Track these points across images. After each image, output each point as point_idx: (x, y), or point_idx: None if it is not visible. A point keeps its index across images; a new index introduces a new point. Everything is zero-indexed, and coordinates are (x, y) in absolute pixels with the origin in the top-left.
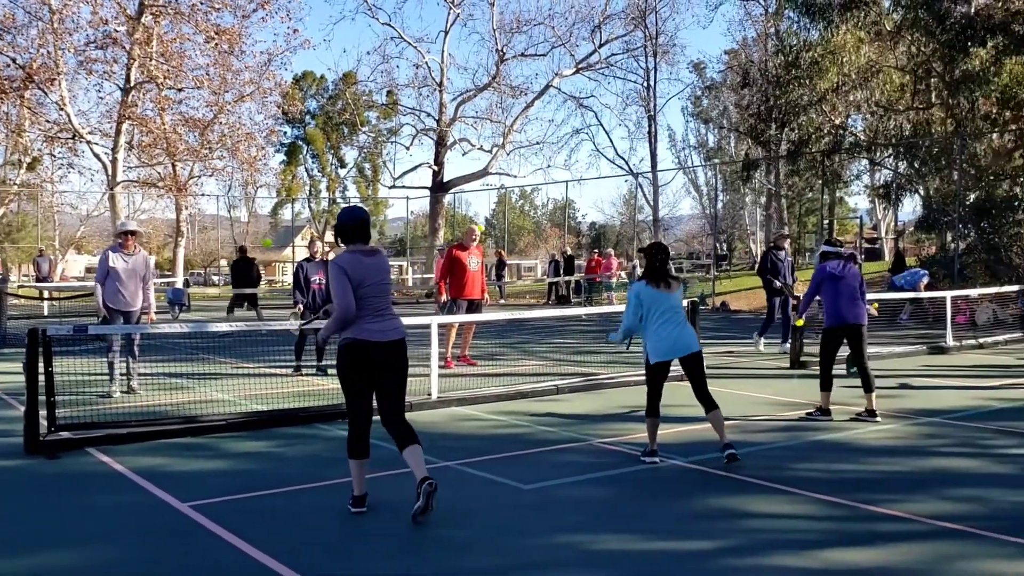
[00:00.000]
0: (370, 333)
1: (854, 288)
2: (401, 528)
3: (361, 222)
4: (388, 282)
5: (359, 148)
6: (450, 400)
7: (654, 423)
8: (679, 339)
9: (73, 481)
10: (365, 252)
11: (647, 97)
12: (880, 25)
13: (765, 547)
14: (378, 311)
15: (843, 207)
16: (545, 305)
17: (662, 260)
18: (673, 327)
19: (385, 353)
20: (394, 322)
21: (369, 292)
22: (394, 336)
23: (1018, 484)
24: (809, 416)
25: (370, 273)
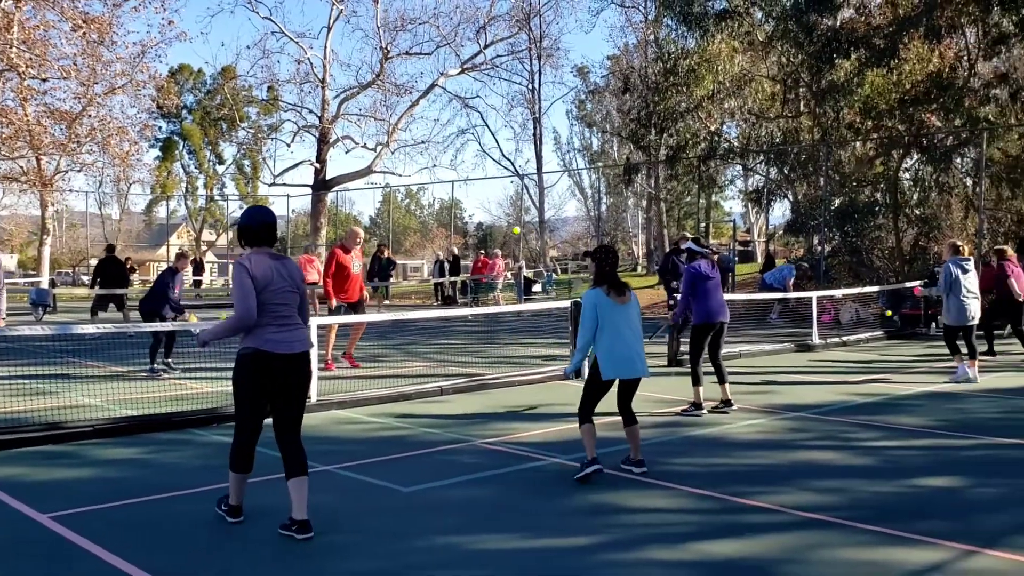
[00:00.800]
0: (274, 344)
1: (720, 287)
2: (276, 534)
3: (268, 225)
4: (295, 290)
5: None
6: (330, 403)
7: (590, 430)
8: (636, 359)
9: None
10: (272, 255)
11: (532, 99)
12: (753, 35)
13: (642, 541)
14: (282, 320)
15: (719, 211)
16: (431, 306)
17: (612, 264)
18: (631, 343)
19: (288, 366)
20: (300, 332)
21: (273, 298)
22: (299, 348)
23: (877, 475)
24: (684, 412)
25: (276, 278)
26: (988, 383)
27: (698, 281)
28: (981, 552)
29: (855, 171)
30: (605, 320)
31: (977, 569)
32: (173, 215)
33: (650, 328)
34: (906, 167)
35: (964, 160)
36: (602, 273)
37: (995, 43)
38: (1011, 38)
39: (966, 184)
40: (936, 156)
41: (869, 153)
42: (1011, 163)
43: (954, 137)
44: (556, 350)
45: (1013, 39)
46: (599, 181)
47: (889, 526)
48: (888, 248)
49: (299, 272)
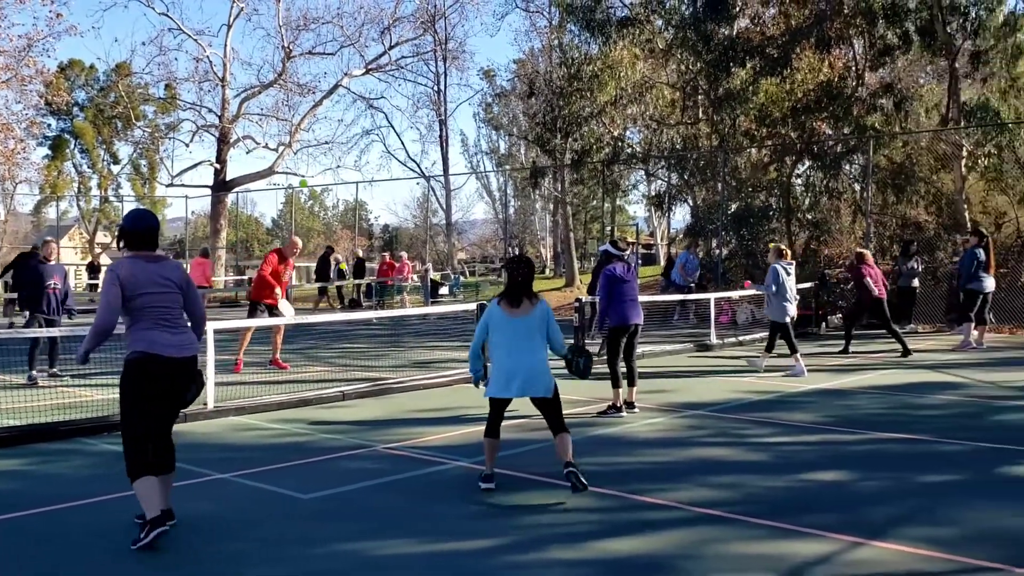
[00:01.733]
0: (163, 347)
1: (636, 290)
2: (175, 543)
3: (148, 228)
4: (173, 291)
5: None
6: (228, 409)
7: (492, 444)
8: (515, 376)
9: None
10: (148, 258)
11: (438, 101)
12: (653, 43)
13: (544, 541)
14: (168, 322)
15: (623, 215)
16: (334, 309)
17: (525, 275)
18: (514, 358)
19: (178, 369)
20: (188, 336)
21: (152, 301)
22: (188, 352)
23: (769, 470)
24: (602, 414)
25: (152, 281)
26: (874, 380)
27: (614, 284)
28: (867, 543)
29: (751, 177)
30: (495, 334)
31: (863, 560)
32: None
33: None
34: (798, 173)
35: (852, 166)
36: (513, 284)
37: (881, 54)
38: (895, 50)
39: (854, 189)
40: (826, 163)
41: (764, 159)
42: (896, 170)
43: (843, 144)
44: (462, 353)
45: (897, 51)
46: (506, 184)
47: (780, 520)
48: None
49: (179, 273)
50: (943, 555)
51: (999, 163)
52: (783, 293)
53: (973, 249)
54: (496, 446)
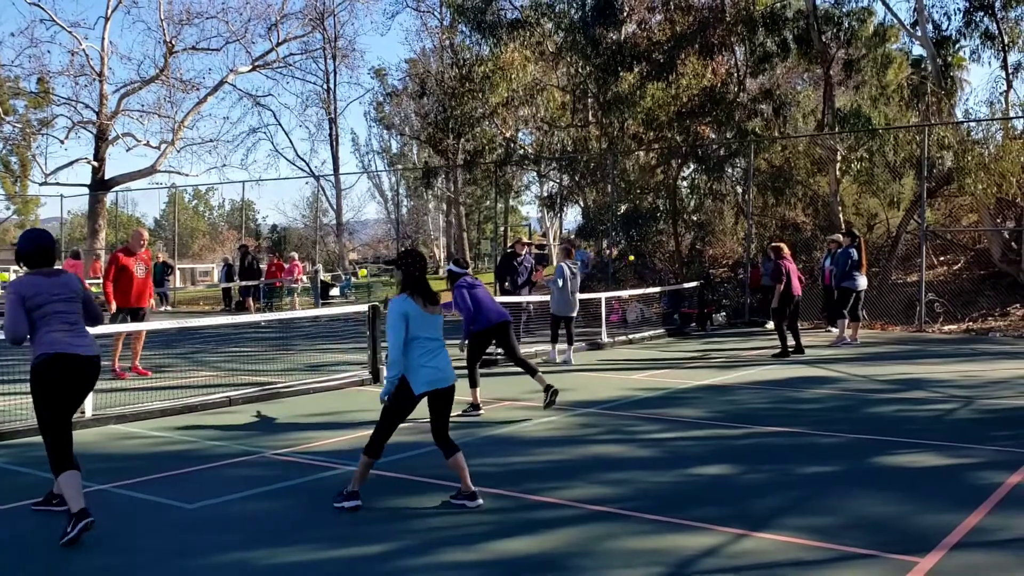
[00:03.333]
0: (70, 346)
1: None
2: (51, 558)
3: (41, 248)
4: (75, 299)
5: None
6: (108, 417)
7: (369, 464)
8: (445, 368)
9: None
10: (46, 273)
11: (328, 100)
12: (544, 46)
13: (437, 544)
14: (70, 325)
15: (516, 215)
16: (221, 312)
17: (421, 270)
18: (440, 354)
19: (85, 367)
20: (89, 337)
21: (55, 308)
22: (92, 351)
23: (658, 466)
24: (464, 412)
25: (51, 289)
26: (755, 376)
27: (469, 291)
28: (750, 535)
29: (639, 179)
30: (415, 330)
31: (747, 551)
32: None
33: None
34: (684, 175)
35: (735, 170)
36: (411, 279)
37: (760, 61)
38: (774, 57)
39: (737, 192)
40: (710, 166)
41: (651, 162)
42: (775, 173)
43: (726, 148)
44: (353, 355)
45: (776, 58)
46: (399, 184)
47: (669, 514)
48: (669, 251)
49: (77, 281)
50: (821, 544)
51: (870, 167)
52: (567, 288)
53: (847, 249)
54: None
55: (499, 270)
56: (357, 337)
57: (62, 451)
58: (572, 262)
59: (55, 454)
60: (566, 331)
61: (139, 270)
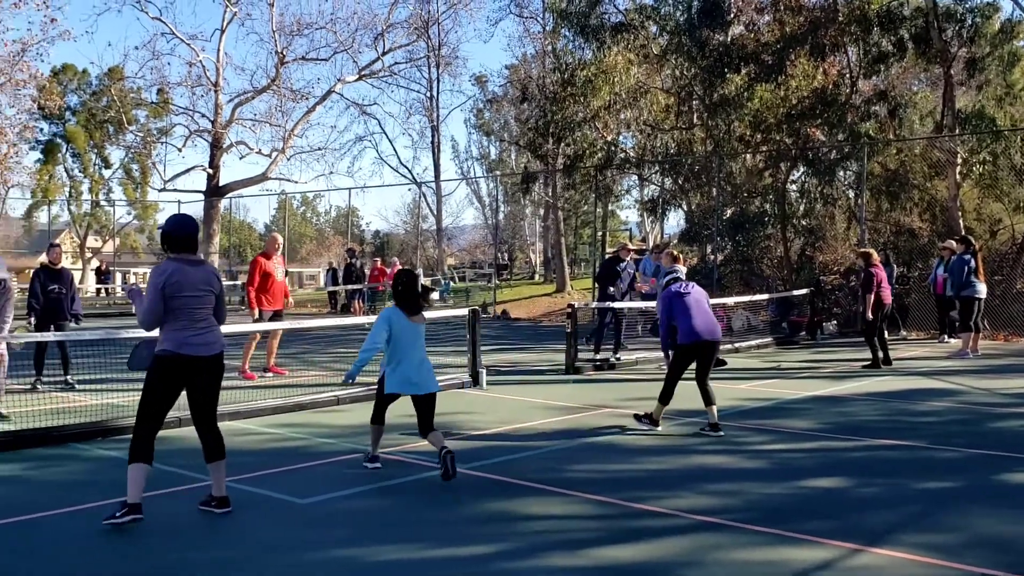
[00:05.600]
0: (190, 347)
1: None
2: (169, 549)
3: (189, 234)
4: (211, 294)
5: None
6: (223, 414)
7: (379, 431)
8: (421, 378)
9: None
10: (190, 262)
11: (430, 107)
12: (648, 49)
13: (540, 548)
14: (199, 323)
15: (615, 220)
16: (328, 314)
17: (411, 289)
18: (418, 363)
19: (202, 367)
20: (213, 334)
21: (189, 303)
22: (213, 351)
23: (767, 478)
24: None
25: (191, 283)
26: (869, 387)
27: (676, 299)
28: (866, 550)
29: (746, 182)
30: (396, 336)
31: (861, 566)
32: (55, 220)
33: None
34: (793, 179)
35: (847, 173)
36: (404, 295)
37: (875, 62)
38: (889, 57)
39: (849, 196)
40: (821, 169)
41: (759, 165)
42: (890, 176)
43: (837, 151)
44: (454, 358)
45: (891, 58)
46: (497, 189)
47: (779, 527)
48: (777, 257)
49: (217, 276)
50: (943, 562)
51: (994, 170)
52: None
53: (961, 256)
54: (382, 432)
55: (601, 275)
56: (457, 340)
57: (145, 441)
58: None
59: (138, 441)
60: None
61: (278, 272)
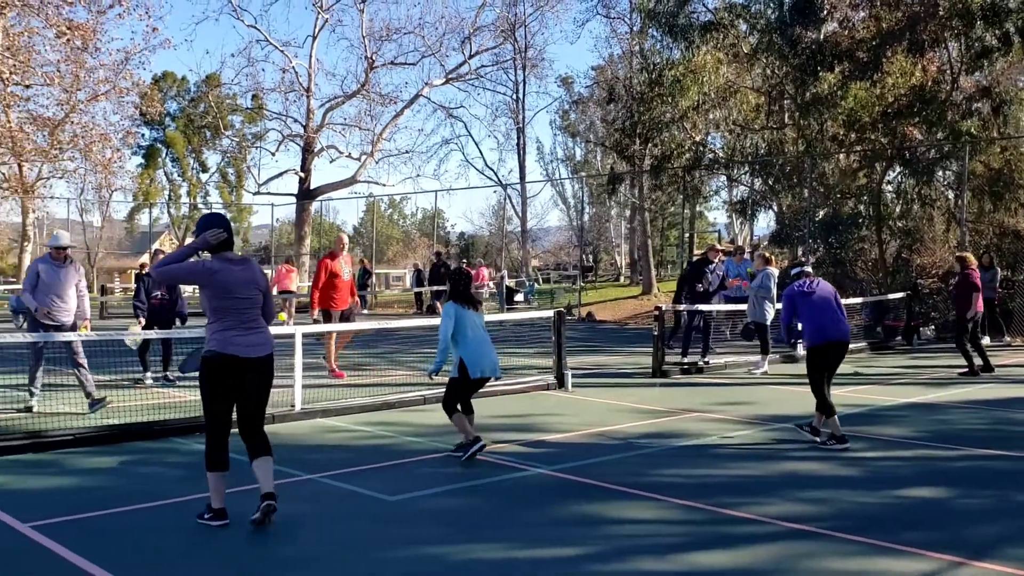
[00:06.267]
0: (237, 348)
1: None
2: (255, 544)
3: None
4: (258, 292)
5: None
6: (314, 411)
7: (462, 418)
8: (494, 361)
9: None
10: (234, 260)
11: (516, 109)
12: (737, 47)
13: (627, 552)
14: (246, 323)
15: (703, 221)
16: (413, 315)
17: (466, 284)
18: (488, 347)
19: (251, 368)
20: (262, 335)
21: (237, 304)
22: (262, 352)
23: (862, 486)
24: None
25: (239, 284)
26: (969, 394)
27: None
28: (969, 563)
29: (839, 183)
30: (466, 327)
31: None
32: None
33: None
34: (889, 180)
35: (946, 173)
36: (457, 291)
37: (978, 57)
38: (994, 52)
39: (948, 197)
40: (919, 169)
41: (853, 165)
42: (993, 176)
43: (936, 150)
44: (539, 360)
45: (996, 53)
46: (582, 191)
47: (876, 536)
48: (871, 260)
49: (261, 273)
50: None
51: None
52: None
53: None
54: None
55: (689, 276)
56: (542, 342)
57: (215, 448)
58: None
59: (208, 448)
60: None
61: (344, 273)
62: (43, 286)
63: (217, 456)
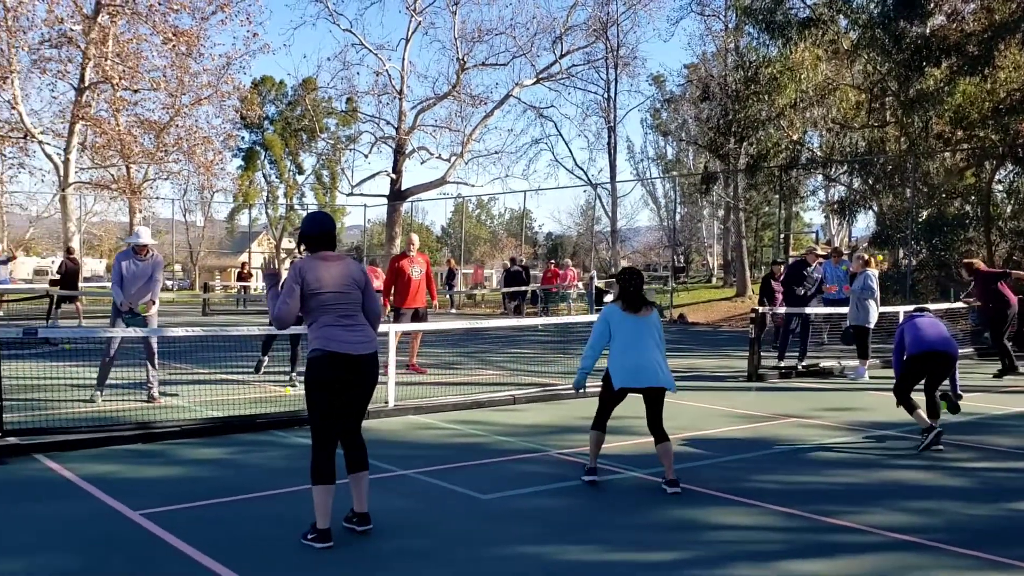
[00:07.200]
0: (340, 344)
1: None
2: (358, 537)
3: (325, 233)
4: (356, 289)
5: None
6: (407, 408)
7: (598, 438)
8: (645, 369)
9: (19, 488)
10: (328, 258)
11: (607, 108)
12: (837, 44)
13: (725, 558)
14: (346, 320)
15: (799, 222)
16: (501, 315)
17: (636, 286)
18: (641, 353)
19: (356, 366)
20: (365, 333)
21: (331, 300)
22: (366, 349)
23: (972, 497)
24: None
25: (331, 279)
26: None
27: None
28: None
29: (944, 182)
30: (617, 332)
31: None
32: (254, 223)
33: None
34: (999, 178)
35: None
36: (626, 292)
37: None
38: None
39: None
40: None
41: (959, 164)
42: None
43: None
44: None
45: None
46: (674, 190)
47: (986, 550)
48: None
49: (360, 271)
50: None
51: None
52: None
53: None
54: (603, 440)
55: (787, 279)
56: None
57: (321, 459)
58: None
59: (314, 460)
60: (859, 345)
61: (415, 272)
62: (127, 281)
63: (324, 466)
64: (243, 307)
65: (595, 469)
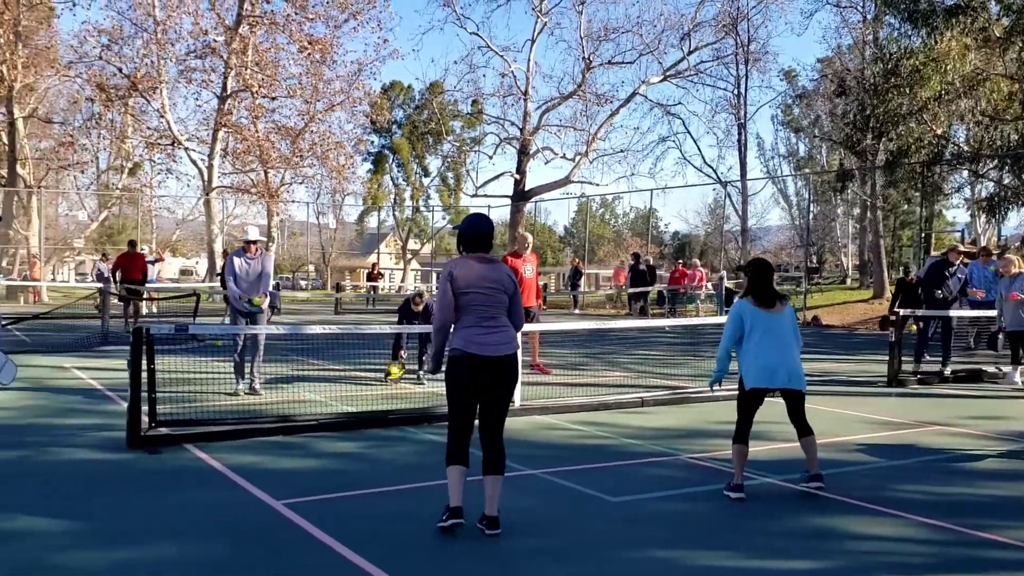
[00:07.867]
0: (479, 346)
1: None
2: (488, 536)
3: (482, 235)
4: (501, 292)
5: (443, 157)
6: (533, 408)
7: (741, 451)
8: (780, 367)
9: (172, 476)
10: (479, 259)
11: (737, 105)
12: (988, 31)
13: (867, 569)
14: (487, 321)
15: (941, 220)
16: (626, 315)
17: (765, 279)
18: (776, 351)
19: (493, 367)
20: (505, 334)
21: (476, 300)
22: (504, 351)
23: None
24: None
25: (479, 279)
26: None
27: None
28: None
29: None
30: (750, 329)
31: None
32: (382, 225)
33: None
34: None
35: None
36: (755, 285)
37: None
38: None
39: None
40: None
41: None
42: None
43: None
44: None
45: None
46: (807, 188)
47: None
48: None
49: (509, 276)
50: None
51: None
52: None
53: None
54: (746, 454)
55: (927, 280)
56: None
57: (455, 444)
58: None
59: (449, 444)
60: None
61: (527, 271)
62: (239, 276)
63: (457, 452)
64: (372, 306)
65: (741, 486)
